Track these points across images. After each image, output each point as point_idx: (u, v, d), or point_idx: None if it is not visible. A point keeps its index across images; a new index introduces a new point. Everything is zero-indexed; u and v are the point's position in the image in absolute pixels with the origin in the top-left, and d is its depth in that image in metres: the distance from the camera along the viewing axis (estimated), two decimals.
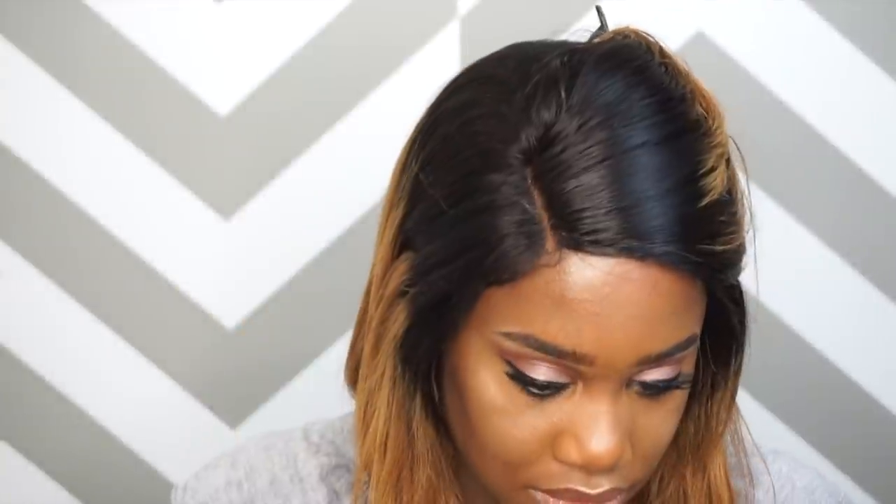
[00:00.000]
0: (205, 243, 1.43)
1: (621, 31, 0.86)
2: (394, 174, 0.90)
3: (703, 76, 0.84)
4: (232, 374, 1.45)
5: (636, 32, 0.86)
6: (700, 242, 0.80)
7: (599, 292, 0.79)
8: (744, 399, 0.88)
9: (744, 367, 0.90)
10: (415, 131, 0.89)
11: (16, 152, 1.42)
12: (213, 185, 1.43)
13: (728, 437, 0.92)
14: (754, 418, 1.46)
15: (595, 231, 0.79)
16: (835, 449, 1.47)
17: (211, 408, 1.45)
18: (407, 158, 0.88)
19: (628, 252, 0.79)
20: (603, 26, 0.87)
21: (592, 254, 0.79)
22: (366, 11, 1.41)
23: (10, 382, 1.44)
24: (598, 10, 0.88)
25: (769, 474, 0.97)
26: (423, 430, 0.88)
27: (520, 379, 0.82)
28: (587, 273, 0.79)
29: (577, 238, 0.79)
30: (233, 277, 1.44)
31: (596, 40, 0.86)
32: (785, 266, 1.44)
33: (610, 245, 0.79)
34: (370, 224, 0.93)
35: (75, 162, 1.42)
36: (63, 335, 1.44)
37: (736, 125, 1.46)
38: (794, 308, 1.45)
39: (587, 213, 0.79)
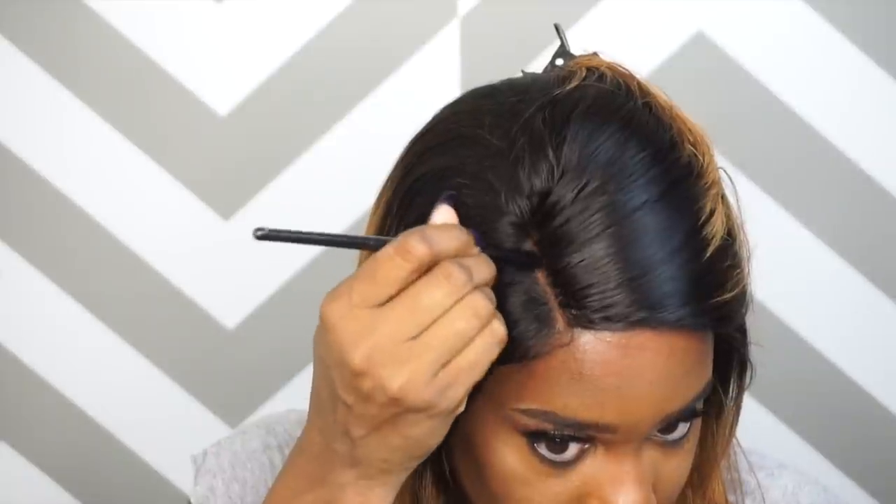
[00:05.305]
0: (205, 243, 1.43)
1: (593, 66, 0.82)
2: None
3: (703, 76, 0.84)
4: (232, 374, 1.45)
5: (609, 66, 0.82)
6: (710, 297, 0.78)
7: (618, 365, 0.77)
8: (744, 399, 0.87)
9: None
10: (386, 195, 0.83)
11: (16, 152, 1.42)
12: (213, 185, 1.43)
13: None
14: (754, 418, 1.46)
15: (606, 307, 0.76)
16: (835, 449, 1.47)
17: (211, 408, 1.45)
18: (382, 226, 0.83)
19: (642, 323, 0.77)
20: (563, 44, 0.84)
21: (606, 329, 0.77)
22: (366, 11, 1.41)
23: (10, 382, 1.44)
24: (557, 28, 0.85)
25: (775, 489, 0.96)
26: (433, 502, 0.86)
27: (540, 454, 0.80)
28: (602, 348, 0.77)
29: (588, 315, 0.77)
30: (233, 277, 1.44)
31: (572, 84, 0.81)
32: (785, 266, 1.44)
33: (622, 320, 0.77)
34: None
35: (75, 162, 1.42)
36: (63, 335, 1.44)
37: (736, 125, 1.47)
38: (795, 308, 1.45)
39: (595, 290, 0.76)
